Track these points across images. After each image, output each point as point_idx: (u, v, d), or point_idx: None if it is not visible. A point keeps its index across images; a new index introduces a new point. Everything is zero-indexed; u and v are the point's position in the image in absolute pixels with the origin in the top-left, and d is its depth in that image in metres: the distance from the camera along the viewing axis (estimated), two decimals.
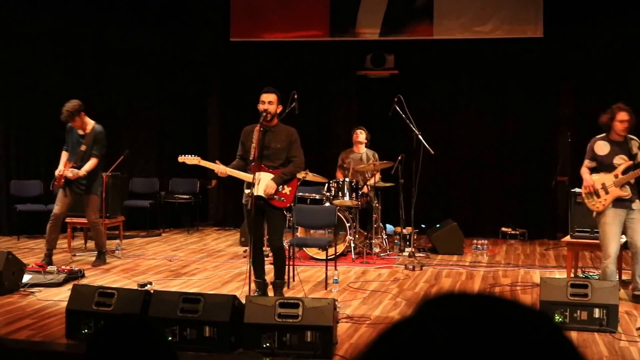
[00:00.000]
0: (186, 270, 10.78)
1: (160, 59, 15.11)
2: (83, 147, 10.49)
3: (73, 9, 14.12)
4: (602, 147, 8.64)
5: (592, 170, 8.71)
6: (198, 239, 14.00)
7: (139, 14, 14.79)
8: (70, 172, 10.42)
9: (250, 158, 8.36)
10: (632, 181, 8.52)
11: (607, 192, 8.49)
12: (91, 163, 10.49)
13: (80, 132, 10.58)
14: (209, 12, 15.34)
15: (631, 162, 8.50)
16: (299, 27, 14.89)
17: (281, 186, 8.48)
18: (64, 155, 10.65)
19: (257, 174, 8.35)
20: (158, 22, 15.03)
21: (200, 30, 15.34)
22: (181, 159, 8.88)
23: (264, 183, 8.38)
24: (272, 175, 8.43)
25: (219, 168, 8.49)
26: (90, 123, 10.62)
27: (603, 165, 8.63)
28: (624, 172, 8.49)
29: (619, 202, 8.49)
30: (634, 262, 8.56)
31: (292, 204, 8.97)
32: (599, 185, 8.52)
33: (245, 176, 8.47)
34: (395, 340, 1.03)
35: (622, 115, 8.50)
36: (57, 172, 10.54)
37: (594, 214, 8.65)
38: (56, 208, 10.61)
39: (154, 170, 15.27)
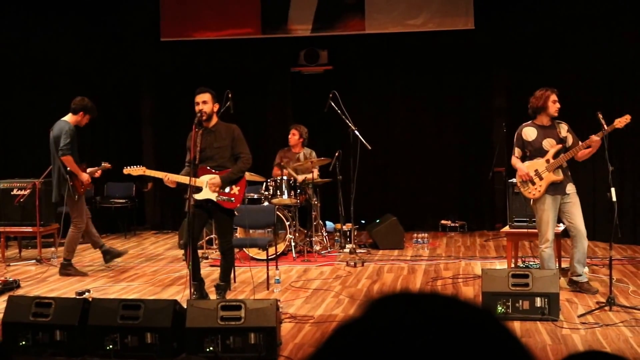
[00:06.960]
0: (125, 275, 10.62)
1: (91, 62, 14.81)
2: None
3: None
4: (529, 133, 8.71)
5: (522, 159, 8.78)
6: (136, 243, 13.80)
7: (68, 17, 14.50)
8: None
9: (190, 161, 8.22)
10: (565, 165, 8.61)
11: (541, 178, 8.56)
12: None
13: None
14: (138, 13, 15.11)
15: (560, 146, 8.59)
16: (231, 25, 14.75)
17: (229, 187, 8.40)
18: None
19: (200, 178, 8.28)
20: (87, 24, 14.73)
21: (130, 31, 15.10)
22: (126, 170, 8.73)
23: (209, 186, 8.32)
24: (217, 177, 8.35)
25: (167, 177, 8.37)
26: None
27: (533, 150, 8.69)
28: (555, 155, 8.57)
29: (553, 188, 8.56)
30: (574, 246, 8.64)
31: (243, 203, 8.87)
32: (532, 172, 8.58)
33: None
34: (342, 343, 1.04)
35: (555, 96, 8.61)
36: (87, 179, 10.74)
37: (531, 201, 8.71)
38: None
39: None
